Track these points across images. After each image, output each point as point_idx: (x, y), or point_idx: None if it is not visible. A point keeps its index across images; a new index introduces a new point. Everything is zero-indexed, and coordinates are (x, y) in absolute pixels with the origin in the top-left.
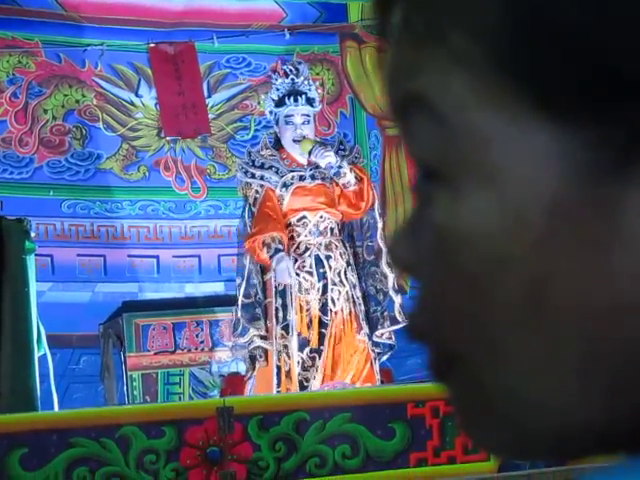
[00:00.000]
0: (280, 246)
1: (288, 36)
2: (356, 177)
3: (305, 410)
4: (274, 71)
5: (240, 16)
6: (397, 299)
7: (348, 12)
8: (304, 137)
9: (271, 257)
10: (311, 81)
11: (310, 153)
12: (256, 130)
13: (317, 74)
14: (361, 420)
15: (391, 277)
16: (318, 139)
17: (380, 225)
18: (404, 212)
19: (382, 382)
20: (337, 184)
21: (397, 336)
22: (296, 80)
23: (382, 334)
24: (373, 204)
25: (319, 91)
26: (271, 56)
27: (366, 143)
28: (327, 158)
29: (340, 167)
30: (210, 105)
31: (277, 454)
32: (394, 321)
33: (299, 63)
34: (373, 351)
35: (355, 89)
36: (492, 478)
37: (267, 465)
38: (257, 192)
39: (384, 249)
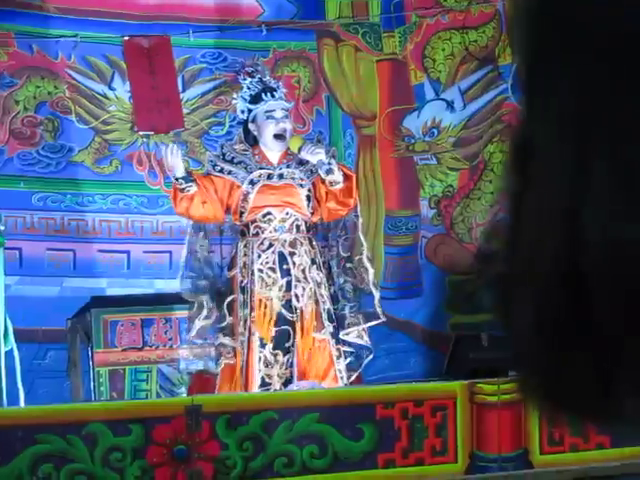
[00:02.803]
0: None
1: (265, 32)
2: (343, 175)
3: (273, 410)
4: (238, 73)
5: (217, 11)
6: (377, 294)
7: (325, 10)
8: (285, 131)
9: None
10: (276, 79)
11: (300, 150)
12: (230, 126)
13: (293, 71)
14: (330, 420)
15: (371, 272)
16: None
17: (360, 221)
18: (376, 212)
19: (348, 382)
20: (323, 182)
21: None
22: (264, 78)
23: (348, 333)
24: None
25: (295, 90)
26: (247, 52)
27: (341, 141)
28: (318, 155)
29: (330, 164)
30: (184, 100)
31: (245, 453)
32: (370, 318)
33: (257, 65)
34: (338, 350)
35: (331, 87)
36: None
37: (234, 464)
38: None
39: (364, 245)
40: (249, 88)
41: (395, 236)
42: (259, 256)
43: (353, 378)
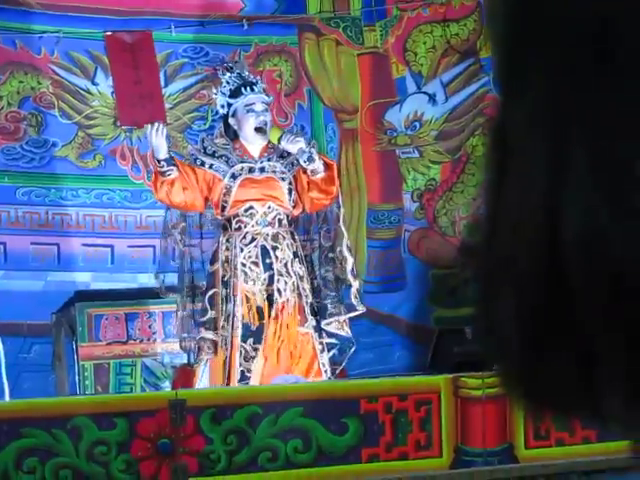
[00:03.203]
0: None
1: (246, 27)
2: (324, 164)
3: (258, 404)
4: (216, 68)
5: (198, 6)
6: (355, 284)
7: (307, 4)
8: (266, 124)
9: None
10: (254, 74)
11: (280, 140)
12: (213, 120)
13: (275, 65)
14: (314, 415)
15: (350, 262)
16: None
17: (342, 212)
18: (359, 205)
19: (332, 376)
20: (304, 172)
21: (351, 326)
22: (243, 73)
23: (329, 323)
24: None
25: (277, 84)
26: (229, 46)
27: (323, 135)
28: (298, 144)
29: (311, 152)
30: (167, 94)
31: (229, 447)
32: (351, 308)
33: (237, 61)
34: (321, 343)
35: (313, 81)
36: (443, 475)
37: (219, 458)
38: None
39: (345, 235)
40: (228, 83)
41: (378, 229)
42: (242, 250)
43: (338, 371)
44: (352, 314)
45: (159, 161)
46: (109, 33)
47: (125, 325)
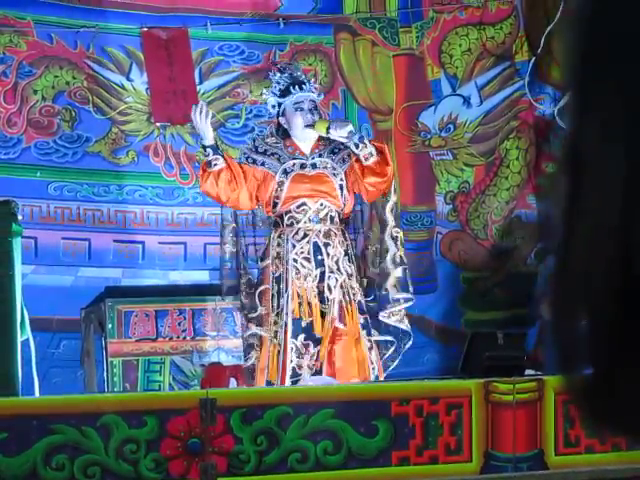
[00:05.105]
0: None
1: (282, 25)
2: (375, 148)
3: (288, 404)
4: (269, 70)
5: (235, 4)
6: (396, 272)
7: (343, 4)
8: (314, 122)
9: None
10: (307, 74)
11: (328, 129)
12: (247, 119)
13: (310, 65)
14: (344, 416)
15: (392, 251)
16: None
17: (394, 198)
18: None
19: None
20: (357, 160)
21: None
22: (294, 74)
23: (389, 315)
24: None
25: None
26: (264, 45)
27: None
28: (347, 127)
29: (362, 135)
30: (201, 92)
31: (259, 448)
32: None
33: (289, 63)
34: (369, 341)
35: (348, 81)
36: None
37: (248, 458)
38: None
39: (390, 222)
40: (279, 83)
41: (410, 231)
42: (294, 246)
43: (393, 366)
44: (406, 303)
45: (205, 148)
46: (145, 29)
47: (155, 322)
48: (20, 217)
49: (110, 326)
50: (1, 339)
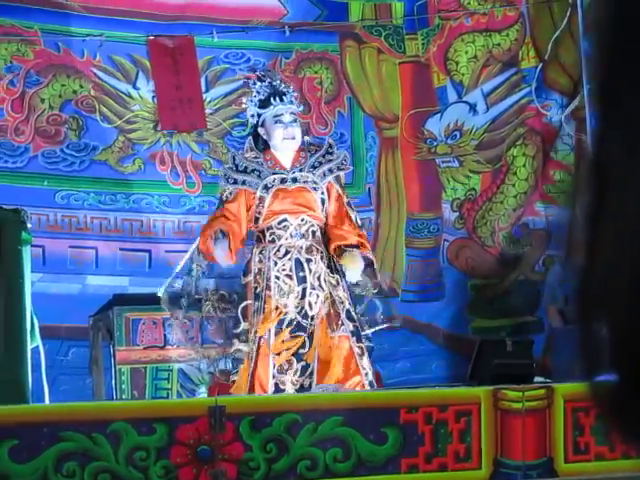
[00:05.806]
0: (220, 235)
1: (288, 33)
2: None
3: (297, 412)
4: (248, 78)
5: (240, 12)
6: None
7: (349, 12)
8: (294, 136)
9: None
10: (286, 83)
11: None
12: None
13: (315, 72)
14: (353, 424)
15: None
16: (309, 139)
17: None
18: (398, 214)
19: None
20: (337, 181)
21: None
22: (274, 83)
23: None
24: None
25: (317, 91)
26: (270, 53)
27: (362, 144)
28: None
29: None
30: (207, 100)
31: (268, 455)
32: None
33: (268, 70)
34: (360, 348)
35: (353, 89)
36: None
37: (258, 466)
38: (230, 193)
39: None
40: (258, 92)
41: (417, 238)
42: (275, 263)
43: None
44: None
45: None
46: (152, 37)
47: (162, 330)
48: (29, 225)
49: (118, 334)
50: (12, 346)
